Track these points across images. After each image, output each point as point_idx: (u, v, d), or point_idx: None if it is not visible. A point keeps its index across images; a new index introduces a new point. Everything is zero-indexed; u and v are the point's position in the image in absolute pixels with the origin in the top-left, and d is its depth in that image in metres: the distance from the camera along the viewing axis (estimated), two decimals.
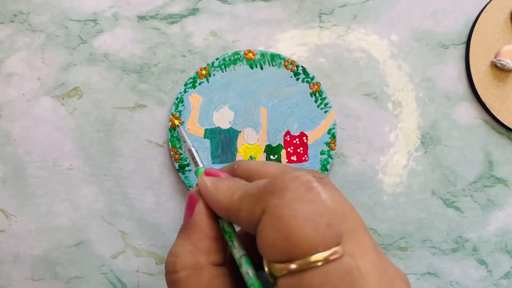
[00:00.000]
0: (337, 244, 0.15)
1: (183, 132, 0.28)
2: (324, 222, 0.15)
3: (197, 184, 0.21)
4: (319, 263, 0.14)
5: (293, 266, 0.15)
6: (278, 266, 0.15)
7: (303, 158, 0.30)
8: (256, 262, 0.19)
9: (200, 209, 0.20)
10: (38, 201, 0.31)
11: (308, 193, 0.16)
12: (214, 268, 0.19)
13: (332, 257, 0.15)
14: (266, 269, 0.16)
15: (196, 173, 0.23)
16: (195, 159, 0.24)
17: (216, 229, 0.20)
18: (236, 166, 0.22)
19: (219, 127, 0.30)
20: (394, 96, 0.31)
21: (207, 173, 0.21)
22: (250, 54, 0.30)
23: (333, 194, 0.17)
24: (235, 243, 0.19)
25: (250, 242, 0.19)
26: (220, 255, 0.20)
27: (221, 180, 0.20)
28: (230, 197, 0.19)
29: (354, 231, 0.17)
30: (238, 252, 0.19)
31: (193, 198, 0.21)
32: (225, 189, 0.19)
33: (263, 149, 0.30)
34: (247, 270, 0.18)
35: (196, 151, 0.24)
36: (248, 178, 0.20)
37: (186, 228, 0.20)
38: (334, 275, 0.14)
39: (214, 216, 0.20)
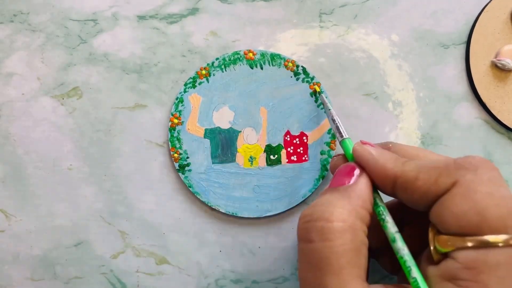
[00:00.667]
0: None
1: (326, 100, 0.27)
2: None
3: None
4: (501, 244, 0.15)
5: (470, 243, 0.15)
6: (453, 238, 0.16)
7: (303, 158, 0.30)
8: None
9: (365, 179, 0.20)
10: (38, 201, 0.31)
11: (501, 179, 0.17)
12: (365, 236, 0.19)
13: None
14: (432, 243, 0.17)
15: (342, 143, 0.23)
16: (340, 128, 0.24)
17: (372, 205, 0.20)
18: (391, 145, 0.22)
19: (219, 127, 0.30)
20: (394, 96, 0.31)
21: (364, 143, 0.21)
22: (250, 54, 0.30)
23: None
24: (389, 219, 0.19)
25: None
26: (367, 231, 0.19)
27: (384, 150, 0.20)
28: (401, 166, 0.19)
29: None
30: (392, 227, 0.19)
31: (352, 168, 0.20)
32: (394, 159, 0.19)
33: (263, 149, 0.30)
34: (402, 246, 0.18)
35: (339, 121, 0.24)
36: (413, 158, 0.20)
37: (346, 191, 0.19)
38: None
39: (372, 190, 0.20)
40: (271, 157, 0.30)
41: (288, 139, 0.30)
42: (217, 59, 0.30)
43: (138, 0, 0.31)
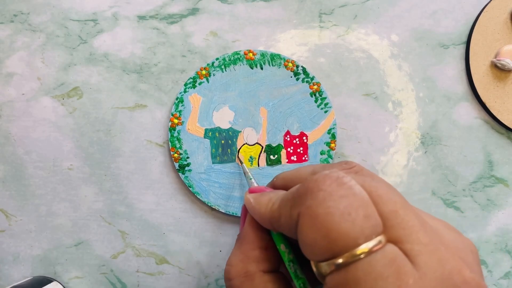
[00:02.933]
0: (378, 234, 0.15)
1: (246, 169, 0.28)
2: (361, 214, 0.15)
3: None
4: (362, 255, 0.14)
5: (339, 260, 0.15)
6: (324, 264, 0.16)
7: (303, 158, 0.30)
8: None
9: (248, 221, 0.21)
10: (38, 201, 0.31)
11: (340, 189, 0.16)
12: (265, 274, 0.20)
13: (375, 248, 0.15)
14: (314, 269, 0.17)
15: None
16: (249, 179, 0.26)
17: (266, 239, 0.21)
18: (275, 179, 0.23)
19: (219, 127, 0.30)
20: (394, 96, 0.31)
21: (251, 191, 0.22)
22: (250, 54, 0.30)
23: (365, 181, 0.17)
24: (283, 248, 0.20)
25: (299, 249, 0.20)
26: (271, 263, 0.20)
27: (263, 194, 0.21)
28: (270, 208, 0.19)
29: (395, 212, 0.16)
30: (287, 256, 0.20)
31: (244, 211, 0.22)
32: (266, 202, 0.20)
33: (263, 149, 0.30)
34: (295, 271, 0.19)
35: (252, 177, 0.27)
36: (286, 187, 0.21)
37: (238, 239, 0.22)
38: (379, 264, 0.14)
39: (264, 228, 0.21)
40: (271, 157, 0.30)
41: (288, 139, 0.30)
42: (217, 59, 0.30)
43: (138, 0, 0.31)
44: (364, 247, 0.14)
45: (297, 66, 0.30)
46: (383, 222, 0.15)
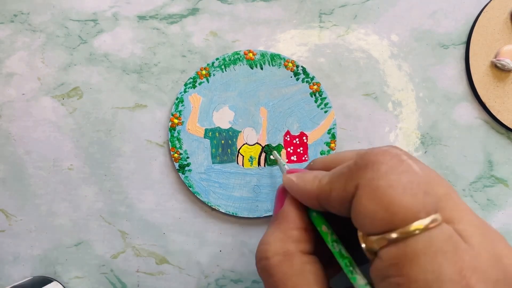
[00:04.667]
0: (435, 212, 0.15)
1: (278, 155, 0.28)
2: (422, 190, 0.16)
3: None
4: (418, 231, 0.15)
5: (394, 235, 0.15)
6: (376, 238, 0.16)
7: (303, 158, 0.30)
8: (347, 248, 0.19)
9: (289, 201, 0.21)
10: (38, 201, 0.31)
11: (401, 164, 0.16)
12: (304, 255, 0.20)
13: (432, 225, 0.15)
14: (363, 244, 0.17)
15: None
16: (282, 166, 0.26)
17: (305, 220, 0.21)
18: (312, 163, 0.23)
19: (219, 127, 0.30)
20: (394, 96, 0.31)
21: (289, 172, 0.22)
22: (250, 54, 0.30)
23: (418, 163, 0.17)
24: (325, 229, 0.20)
25: (340, 230, 0.20)
26: (309, 244, 0.20)
27: (304, 173, 0.21)
28: (318, 183, 0.19)
29: (449, 195, 0.17)
30: (329, 236, 0.19)
31: (282, 192, 0.22)
32: (311, 179, 0.20)
33: (263, 149, 0.30)
34: (340, 250, 0.19)
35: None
36: (327, 169, 0.21)
37: (276, 219, 0.21)
38: (438, 240, 0.15)
39: (303, 208, 0.21)
40: (271, 157, 0.30)
41: (288, 139, 0.30)
42: (217, 59, 0.30)
43: (138, 1, 0.31)
44: (419, 224, 0.15)
45: (297, 66, 0.30)
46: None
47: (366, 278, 0.17)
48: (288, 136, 0.30)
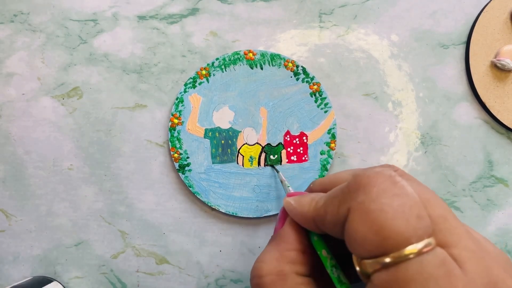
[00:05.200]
0: (429, 236, 0.15)
1: (283, 177, 0.28)
2: (414, 214, 0.15)
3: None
4: (412, 256, 0.14)
5: (386, 259, 0.15)
6: (369, 262, 0.16)
7: (303, 158, 0.30)
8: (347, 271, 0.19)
9: (289, 223, 0.21)
10: (38, 201, 0.31)
11: (394, 187, 0.16)
12: (298, 276, 0.20)
13: (425, 249, 0.15)
14: (357, 268, 0.17)
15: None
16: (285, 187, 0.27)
17: (304, 243, 0.21)
18: (312, 185, 0.23)
19: (219, 127, 0.30)
20: (394, 96, 0.31)
21: (289, 195, 0.22)
22: (250, 54, 0.30)
23: (413, 183, 0.17)
24: (325, 254, 0.20)
25: (339, 249, 0.20)
26: (305, 267, 0.20)
27: (303, 196, 0.21)
28: (314, 206, 0.19)
29: (445, 217, 0.16)
30: (329, 261, 0.19)
31: (283, 213, 0.22)
32: (309, 201, 0.20)
33: (263, 149, 0.30)
34: (338, 276, 0.19)
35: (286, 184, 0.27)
36: (325, 190, 0.21)
37: (275, 238, 0.21)
38: (430, 265, 0.14)
39: (303, 231, 0.21)
40: (271, 157, 0.30)
41: (288, 139, 0.30)
42: (217, 59, 0.30)
43: (138, 1, 0.31)
44: (412, 248, 0.15)
45: (297, 66, 0.30)
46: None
47: None
48: (288, 136, 0.30)
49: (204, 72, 0.30)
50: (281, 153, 0.30)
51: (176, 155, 0.30)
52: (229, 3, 0.31)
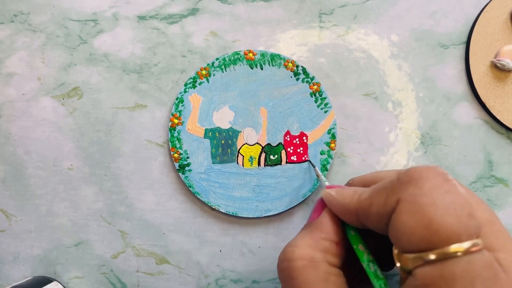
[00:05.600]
0: (477, 236, 0.15)
1: (319, 171, 0.28)
2: (465, 212, 0.15)
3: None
4: (459, 254, 0.14)
5: (431, 255, 0.15)
6: (412, 256, 0.15)
7: (303, 158, 0.30)
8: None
9: (326, 213, 0.21)
10: (38, 201, 0.31)
11: (446, 184, 0.16)
12: (329, 266, 0.19)
13: (473, 249, 0.15)
14: (397, 263, 0.17)
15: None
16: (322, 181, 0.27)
17: (338, 235, 0.21)
18: (351, 181, 0.23)
19: (219, 127, 0.30)
20: (394, 96, 0.31)
21: (329, 187, 0.22)
22: (250, 54, 0.30)
23: (463, 186, 0.17)
24: (361, 248, 0.20)
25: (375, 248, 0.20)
26: (338, 259, 0.20)
27: (344, 188, 0.21)
28: (358, 198, 0.19)
29: (492, 222, 0.17)
30: (366, 256, 0.19)
31: (320, 203, 0.22)
32: (351, 193, 0.20)
33: (263, 149, 0.30)
34: (375, 271, 0.18)
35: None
36: (365, 186, 0.21)
37: (309, 226, 0.21)
38: (478, 265, 0.14)
39: (340, 224, 0.21)
40: (271, 157, 0.30)
41: (288, 139, 0.30)
42: (217, 59, 0.30)
43: (138, 1, 0.31)
44: (460, 246, 0.15)
45: (297, 66, 0.30)
46: None
47: None
48: (288, 136, 0.30)
49: (204, 72, 0.30)
50: (281, 153, 0.30)
51: (176, 155, 0.30)
52: (229, 3, 0.31)
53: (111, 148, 0.31)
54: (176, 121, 0.30)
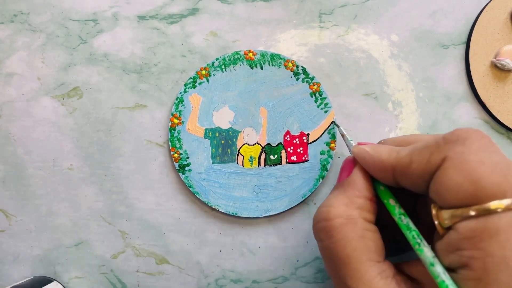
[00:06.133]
0: None
1: (343, 131, 0.28)
2: (510, 172, 0.16)
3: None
4: (499, 210, 0.15)
5: (472, 212, 0.16)
6: (455, 211, 0.16)
7: (303, 158, 0.30)
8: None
9: (357, 170, 0.21)
10: (38, 201, 0.31)
11: (492, 145, 0.17)
12: (366, 222, 0.20)
13: None
14: (436, 218, 0.17)
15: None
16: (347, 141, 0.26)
17: (371, 192, 0.21)
18: (382, 141, 0.24)
19: (219, 127, 0.30)
20: (394, 96, 0.31)
21: (361, 144, 0.22)
22: (250, 54, 0.30)
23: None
24: (392, 202, 0.20)
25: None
26: (372, 215, 0.20)
27: (379, 145, 0.21)
28: (396, 155, 0.19)
29: None
30: (397, 209, 0.20)
31: (350, 162, 0.22)
32: (388, 150, 0.20)
33: (263, 149, 0.30)
34: (407, 223, 0.19)
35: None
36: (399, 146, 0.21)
37: (342, 185, 0.21)
38: None
39: (371, 180, 0.21)
40: (271, 157, 0.30)
41: (288, 139, 0.30)
42: (217, 59, 0.30)
43: (138, 1, 0.31)
44: (500, 203, 0.15)
45: (297, 66, 0.30)
46: None
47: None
48: (288, 136, 0.30)
49: (204, 72, 0.30)
50: (281, 153, 0.30)
51: (176, 155, 0.30)
52: (229, 3, 0.31)
53: (111, 148, 0.31)
54: (176, 121, 0.30)
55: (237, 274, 0.30)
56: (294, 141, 0.30)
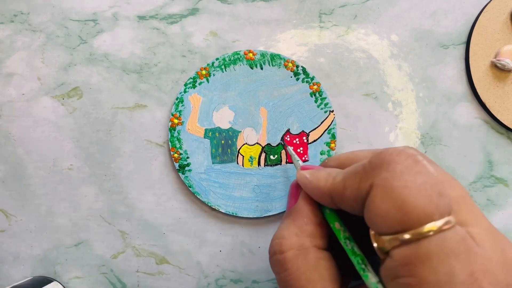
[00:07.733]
0: (449, 214, 0.15)
1: (292, 151, 0.28)
2: (436, 191, 0.16)
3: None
4: (431, 233, 0.15)
5: (406, 236, 0.15)
6: (389, 238, 0.16)
7: (303, 158, 0.30)
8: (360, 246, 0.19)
9: (303, 197, 0.21)
10: (38, 201, 0.31)
11: (416, 165, 0.16)
12: (318, 250, 0.20)
13: (446, 226, 0.15)
14: (374, 244, 0.17)
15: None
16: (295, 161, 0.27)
17: (319, 216, 0.21)
18: (327, 161, 0.23)
19: (219, 127, 0.30)
20: (394, 96, 0.31)
21: (303, 168, 0.22)
22: (250, 54, 0.30)
23: (432, 164, 0.17)
24: (338, 226, 0.20)
25: (351, 228, 0.20)
26: (324, 240, 0.20)
27: (318, 170, 0.21)
28: (332, 181, 0.19)
29: (463, 198, 0.17)
30: (342, 233, 0.19)
31: (295, 188, 0.22)
32: (325, 176, 0.20)
33: (263, 149, 0.30)
34: (352, 248, 0.19)
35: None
36: (341, 167, 0.21)
37: (290, 213, 0.21)
38: (451, 241, 0.15)
39: (317, 204, 0.21)
40: (271, 157, 0.30)
41: (288, 139, 0.30)
42: (217, 59, 0.30)
43: (138, 1, 0.31)
44: (432, 225, 0.15)
45: (297, 66, 0.30)
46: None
47: (378, 276, 0.17)
48: (288, 136, 0.30)
49: (204, 72, 0.30)
50: (281, 153, 0.30)
51: (176, 155, 0.30)
52: (229, 3, 0.31)
53: (111, 148, 0.31)
54: (176, 121, 0.30)
55: (237, 274, 0.30)
56: (294, 141, 0.30)
